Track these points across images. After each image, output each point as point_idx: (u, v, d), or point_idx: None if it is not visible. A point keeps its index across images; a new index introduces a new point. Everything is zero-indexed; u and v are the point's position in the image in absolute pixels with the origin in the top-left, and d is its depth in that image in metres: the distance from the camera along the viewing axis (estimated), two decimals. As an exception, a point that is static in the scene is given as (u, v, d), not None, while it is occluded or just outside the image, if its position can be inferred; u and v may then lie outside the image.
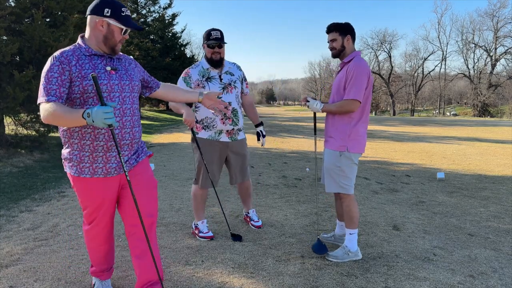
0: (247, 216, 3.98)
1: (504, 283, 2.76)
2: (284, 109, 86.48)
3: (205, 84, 3.39)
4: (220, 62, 3.43)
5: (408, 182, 6.12)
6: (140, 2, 27.23)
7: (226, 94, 3.43)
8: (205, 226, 3.61)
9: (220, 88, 3.41)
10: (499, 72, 51.26)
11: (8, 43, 7.80)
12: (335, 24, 3.06)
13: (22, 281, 2.74)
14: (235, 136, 3.56)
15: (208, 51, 3.40)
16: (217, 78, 3.43)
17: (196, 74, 3.41)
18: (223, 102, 2.71)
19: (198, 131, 3.49)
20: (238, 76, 3.56)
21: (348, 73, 2.98)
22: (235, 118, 3.49)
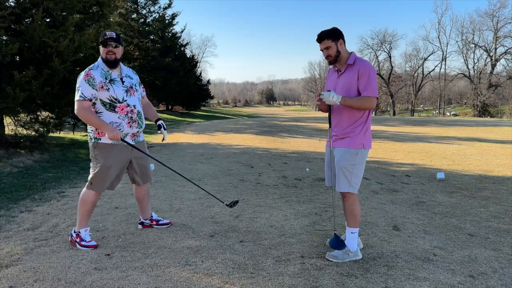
0: (152, 220, 3.86)
1: (504, 283, 2.76)
2: (284, 109, 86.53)
3: (109, 86, 3.29)
4: (116, 63, 3.35)
5: (408, 182, 6.12)
6: (140, 2, 27.23)
7: (130, 97, 3.38)
8: (88, 235, 3.42)
9: (123, 90, 3.35)
10: (499, 72, 51.28)
11: (8, 43, 7.81)
12: (326, 32, 3.06)
13: (22, 281, 2.74)
14: (138, 138, 3.54)
15: (103, 51, 3.30)
16: (119, 80, 3.37)
17: (99, 75, 3.27)
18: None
19: (100, 136, 3.32)
20: (136, 80, 3.56)
21: (361, 73, 3.02)
22: (140, 121, 3.47)
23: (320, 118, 25.36)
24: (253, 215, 4.30)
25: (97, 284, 2.70)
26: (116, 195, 5.11)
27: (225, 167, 7.29)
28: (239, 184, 5.87)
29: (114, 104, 3.29)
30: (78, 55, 9.03)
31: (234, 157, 8.57)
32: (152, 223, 3.85)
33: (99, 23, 10.39)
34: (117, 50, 3.34)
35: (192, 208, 4.55)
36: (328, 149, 3.26)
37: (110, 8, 10.35)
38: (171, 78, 26.95)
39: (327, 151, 3.31)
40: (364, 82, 3.02)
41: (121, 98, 3.31)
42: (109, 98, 3.27)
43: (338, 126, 3.15)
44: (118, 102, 3.30)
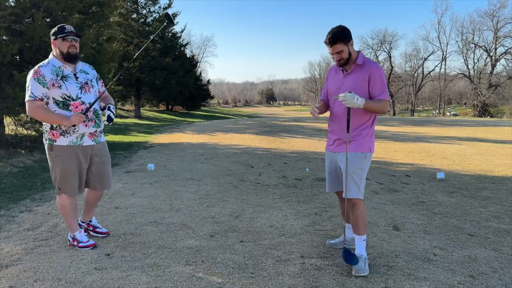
0: (90, 225, 3.64)
1: (504, 283, 2.76)
2: (284, 109, 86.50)
3: (61, 83, 3.12)
4: (77, 57, 3.23)
5: (408, 182, 6.12)
6: (140, 2, 27.22)
7: (85, 94, 3.21)
8: (84, 235, 3.37)
9: (77, 87, 3.18)
10: (499, 72, 51.26)
11: (8, 43, 7.81)
12: (337, 35, 2.86)
13: (22, 281, 2.74)
14: (98, 138, 3.36)
15: (64, 45, 3.14)
16: (72, 76, 3.19)
17: (49, 73, 3.10)
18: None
19: (55, 138, 3.17)
20: (93, 75, 3.37)
21: (373, 76, 2.90)
22: (97, 120, 3.30)
23: (320, 118, 25.33)
24: (253, 215, 4.30)
25: (97, 284, 2.70)
26: (116, 195, 5.11)
27: (225, 167, 7.29)
28: (239, 184, 5.87)
29: (67, 102, 3.13)
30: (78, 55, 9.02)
31: (234, 157, 8.57)
32: (89, 228, 3.63)
33: (99, 23, 10.39)
34: (77, 45, 3.22)
35: (192, 208, 4.55)
36: (331, 154, 3.13)
37: (110, 8, 10.35)
38: (171, 78, 26.93)
39: (329, 156, 3.17)
40: (379, 86, 2.91)
41: (74, 95, 3.15)
42: (62, 95, 3.11)
43: (347, 129, 2.97)
44: (72, 100, 3.14)
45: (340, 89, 2.99)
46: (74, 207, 3.35)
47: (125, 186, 5.67)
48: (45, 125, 3.20)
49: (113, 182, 5.90)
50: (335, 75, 3.10)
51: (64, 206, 3.30)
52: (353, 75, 2.97)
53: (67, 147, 3.18)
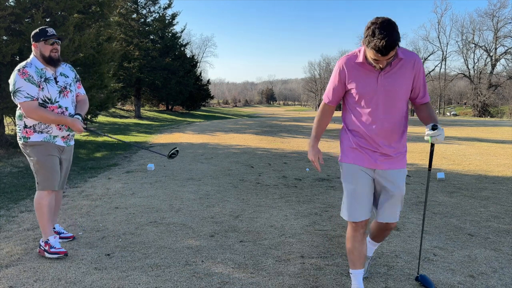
0: (54, 231, 3.47)
1: (504, 283, 2.76)
2: (284, 109, 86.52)
3: (44, 85, 3.13)
4: (59, 60, 3.23)
5: (408, 182, 6.12)
6: (140, 2, 27.20)
7: (63, 98, 3.22)
8: (57, 242, 3.22)
9: (57, 91, 3.19)
10: (499, 72, 51.26)
11: (8, 43, 7.81)
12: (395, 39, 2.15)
13: (22, 281, 2.74)
14: (69, 141, 3.38)
15: (46, 48, 3.14)
16: (53, 80, 3.19)
17: (35, 73, 3.10)
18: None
19: (29, 135, 3.17)
20: (72, 78, 3.37)
21: (418, 70, 2.39)
22: None
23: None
24: (253, 215, 4.30)
25: (97, 284, 2.70)
26: (116, 195, 5.12)
27: (225, 167, 7.29)
28: (239, 184, 5.87)
29: (45, 105, 3.14)
30: (78, 55, 9.03)
31: (234, 157, 8.57)
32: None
33: (99, 23, 10.39)
34: (59, 48, 3.23)
35: (192, 208, 4.55)
36: (369, 172, 2.45)
37: (110, 8, 10.35)
38: (171, 78, 26.93)
39: (364, 175, 2.45)
40: (422, 83, 2.44)
41: (53, 98, 3.16)
42: (43, 98, 3.12)
43: (391, 141, 2.42)
44: (50, 103, 3.15)
45: (380, 92, 2.33)
46: (51, 208, 3.25)
47: (125, 186, 5.67)
48: (19, 124, 3.20)
49: (113, 182, 5.91)
50: (362, 72, 2.37)
51: (41, 205, 3.20)
52: (396, 73, 2.34)
53: (41, 143, 3.18)
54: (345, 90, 2.48)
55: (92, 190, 5.42)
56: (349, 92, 2.45)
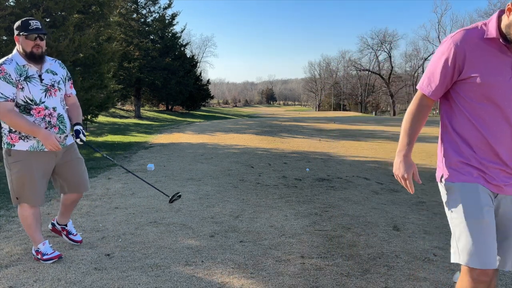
0: (64, 229, 3.35)
1: (504, 283, 2.76)
2: (284, 109, 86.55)
3: (24, 85, 2.80)
4: (42, 57, 2.90)
5: (408, 182, 6.12)
6: (140, 2, 27.21)
7: (49, 97, 2.89)
8: (48, 247, 3.07)
9: (41, 90, 2.86)
10: (499, 72, 51.26)
11: (8, 43, 7.81)
12: None
13: (22, 281, 2.74)
14: (63, 142, 3.04)
15: (27, 43, 2.81)
16: (37, 78, 2.87)
17: (13, 71, 2.78)
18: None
19: (14, 142, 2.86)
20: (62, 75, 3.04)
21: None
22: (61, 125, 2.97)
23: (320, 118, 25.37)
24: (253, 215, 4.30)
25: (97, 284, 2.70)
26: (116, 195, 5.11)
27: (225, 167, 7.29)
28: (239, 184, 5.87)
29: (29, 107, 2.83)
30: (78, 55, 9.03)
31: (234, 157, 8.57)
32: (63, 232, 3.37)
33: (99, 23, 10.40)
34: (43, 43, 2.89)
35: (192, 208, 4.55)
36: (490, 196, 1.75)
37: (110, 8, 10.35)
38: (171, 78, 26.93)
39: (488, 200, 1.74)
40: None
41: (38, 99, 2.84)
42: (24, 99, 2.81)
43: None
44: (34, 104, 2.83)
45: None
46: (38, 217, 3.05)
47: (125, 186, 5.67)
48: (4, 127, 2.89)
49: (113, 182, 5.90)
50: (492, 53, 1.69)
51: (25, 217, 2.99)
52: None
53: (27, 152, 2.86)
54: (458, 79, 1.75)
55: (92, 190, 5.42)
56: (466, 81, 1.72)
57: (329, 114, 45.70)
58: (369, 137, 13.15)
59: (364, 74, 66.35)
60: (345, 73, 74.61)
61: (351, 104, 72.86)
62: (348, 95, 72.60)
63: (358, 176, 6.56)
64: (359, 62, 64.30)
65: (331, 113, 49.40)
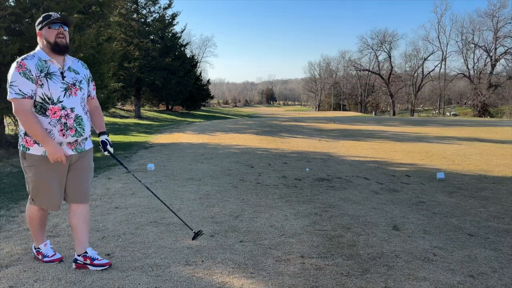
0: (86, 257, 2.93)
1: (504, 283, 2.76)
2: (284, 109, 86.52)
3: (44, 81, 2.65)
4: (67, 49, 2.75)
5: (408, 182, 6.12)
6: (140, 2, 27.20)
7: (69, 97, 2.73)
8: (49, 248, 3.04)
9: (61, 88, 2.71)
10: (499, 72, 51.30)
11: (8, 43, 7.82)
12: None
13: (22, 281, 2.74)
14: (81, 146, 2.87)
15: (51, 34, 2.69)
16: (59, 75, 2.72)
17: (34, 67, 2.63)
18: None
19: (29, 145, 2.74)
20: (84, 75, 2.90)
21: None
22: (79, 128, 2.79)
23: (320, 118, 25.37)
24: (253, 215, 4.30)
25: (97, 284, 2.70)
26: (116, 195, 5.12)
27: (225, 167, 7.29)
28: (239, 184, 5.87)
29: (45, 106, 2.67)
30: (78, 55, 9.03)
31: (234, 157, 8.57)
32: (86, 261, 2.92)
33: (99, 23, 10.40)
34: (67, 34, 2.77)
35: (192, 208, 4.55)
36: None
37: (110, 8, 10.35)
38: (171, 78, 26.92)
39: None
40: None
41: (56, 98, 2.68)
42: (42, 96, 2.65)
43: None
44: (51, 103, 2.67)
45: None
46: (44, 219, 3.04)
47: (125, 186, 5.67)
48: (21, 128, 2.79)
49: (113, 182, 5.90)
50: None
51: (32, 218, 2.96)
52: None
53: (41, 157, 2.73)
54: None
55: (92, 190, 5.41)
56: None
57: (329, 114, 45.70)
58: (369, 137, 13.15)
59: (364, 74, 66.36)
60: (345, 73, 74.62)
61: (351, 104, 72.87)
62: (348, 95, 72.60)
63: (358, 176, 6.57)
64: (359, 62, 64.34)
65: (331, 113, 49.41)
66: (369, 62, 63.79)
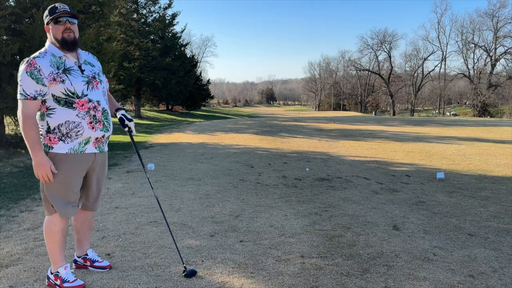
0: (87, 259, 2.92)
1: (504, 283, 2.76)
2: (284, 109, 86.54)
3: (64, 77, 2.49)
4: (76, 44, 2.57)
5: (408, 182, 6.13)
6: (140, 2, 27.20)
7: (92, 90, 2.58)
8: (69, 272, 2.67)
9: (83, 82, 2.56)
10: (499, 72, 51.35)
11: (8, 43, 7.82)
12: None
13: (22, 281, 2.74)
14: (103, 146, 2.72)
15: (57, 29, 2.51)
16: (77, 69, 2.57)
17: (48, 65, 2.47)
18: None
19: (52, 143, 2.52)
20: (99, 67, 2.76)
21: None
22: (106, 122, 2.65)
23: (320, 118, 25.37)
24: (253, 215, 4.30)
25: (97, 284, 2.71)
26: (116, 195, 5.12)
27: (225, 167, 7.29)
28: (239, 184, 5.87)
29: (71, 100, 2.51)
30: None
31: (234, 157, 8.57)
32: (86, 263, 2.92)
33: (99, 23, 10.40)
34: (75, 28, 2.58)
35: (192, 207, 4.55)
36: None
37: (110, 7, 10.35)
38: (171, 78, 26.93)
39: None
40: None
41: (80, 92, 2.53)
42: (65, 92, 2.49)
43: None
44: (76, 97, 2.52)
45: None
46: (65, 234, 2.67)
47: (125, 186, 5.68)
48: (41, 126, 2.57)
49: (113, 182, 5.90)
50: None
51: (54, 232, 2.61)
52: None
53: (66, 155, 2.54)
54: None
55: (92, 190, 5.42)
56: None
57: (329, 114, 45.70)
58: (369, 137, 13.15)
59: (364, 74, 66.38)
60: (345, 73, 74.63)
61: (351, 104, 72.87)
62: (348, 95, 72.62)
63: (358, 176, 6.57)
64: (359, 62, 64.37)
65: (331, 113, 49.40)
66: (369, 62, 63.84)
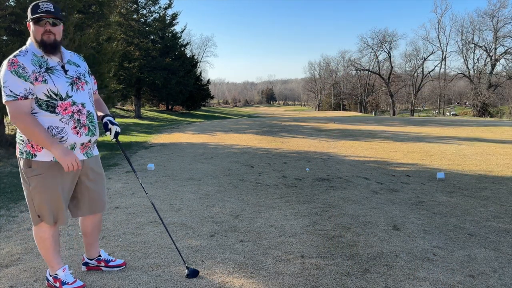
0: (100, 261, 2.89)
1: (504, 283, 2.76)
2: (284, 109, 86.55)
3: (47, 77, 2.35)
4: (56, 46, 2.42)
5: (408, 182, 6.13)
6: (140, 2, 27.22)
7: (77, 91, 2.46)
8: (68, 274, 2.63)
9: (67, 82, 2.43)
10: (499, 72, 51.37)
11: (8, 43, 7.82)
12: None
13: (22, 281, 2.74)
14: (91, 150, 2.62)
15: (37, 30, 2.36)
16: (60, 69, 2.43)
17: (30, 63, 2.33)
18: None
19: (35, 151, 2.40)
20: (85, 68, 2.64)
21: None
22: (91, 125, 2.52)
23: (320, 118, 25.37)
24: (253, 215, 4.30)
25: (97, 284, 2.71)
26: (116, 195, 5.12)
27: (225, 167, 7.29)
28: (239, 184, 5.87)
29: (53, 103, 2.37)
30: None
31: (234, 157, 8.57)
32: (100, 264, 2.89)
33: (99, 23, 10.40)
34: (57, 30, 2.42)
35: (192, 207, 4.55)
36: None
37: (109, 7, 10.36)
38: (171, 78, 26.95)
39: None
40: None
41: (64, 93, 2.40)
42: (47, 93, 2.35)
43: None
44: (59, 100, 2.38)
45: None
46: (57, 239, 2.63)
47: (125, 186, 5.68)
48: (21, 134, 2.45)
49: (113, 182, 5.90)
50: None
51: (44, 239, 2.55)
52: None
53: (51, 163, 2.42)
54: None
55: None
56: None
57: (329, 114, 45.70)
58: (369, 137, 13.15)
59: (364, 74, 66.41)
60: (345, 73, 74.69)
61: (351, 104, 72.89)
62: (348, 95, 72.63)
63: (358, 176, 6.57)
64: (359, 62, 64.41)
65: (331, 113, 49.41)
66: (369, 62, 63.87)
